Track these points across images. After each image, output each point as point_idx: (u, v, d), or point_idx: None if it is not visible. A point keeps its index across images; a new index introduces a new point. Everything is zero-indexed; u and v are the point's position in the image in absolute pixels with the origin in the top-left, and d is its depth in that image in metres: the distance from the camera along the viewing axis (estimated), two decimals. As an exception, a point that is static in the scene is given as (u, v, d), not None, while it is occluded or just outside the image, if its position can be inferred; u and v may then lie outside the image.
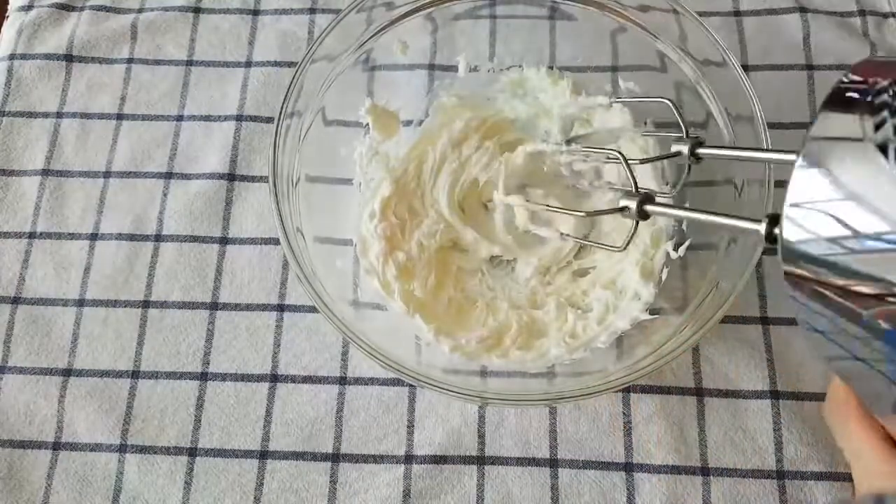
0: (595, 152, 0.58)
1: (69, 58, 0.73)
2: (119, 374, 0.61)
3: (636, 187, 0.49)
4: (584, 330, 0.57)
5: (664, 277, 0.58)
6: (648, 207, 0.48)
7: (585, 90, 0.64)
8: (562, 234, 0.59)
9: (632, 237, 0.51)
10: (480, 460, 0.58)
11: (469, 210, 0.65)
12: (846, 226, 0.34)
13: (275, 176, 0.54)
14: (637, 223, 0.50)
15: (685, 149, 0.50)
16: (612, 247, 0.54)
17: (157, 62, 0.73)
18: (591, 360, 0.57)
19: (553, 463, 0.57)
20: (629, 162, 0.50)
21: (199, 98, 0.71)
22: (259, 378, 0.61)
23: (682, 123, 0.52)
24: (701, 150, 0.50)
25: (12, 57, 0.73)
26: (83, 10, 0.75)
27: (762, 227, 0.40)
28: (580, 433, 0.58)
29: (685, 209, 0.52)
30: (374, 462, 0.58)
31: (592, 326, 0.57)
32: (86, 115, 0.71)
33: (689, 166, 0.53)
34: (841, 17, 0.70)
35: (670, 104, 0.54)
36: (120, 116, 0.70)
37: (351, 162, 0.63)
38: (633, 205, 0.48)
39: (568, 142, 0.62)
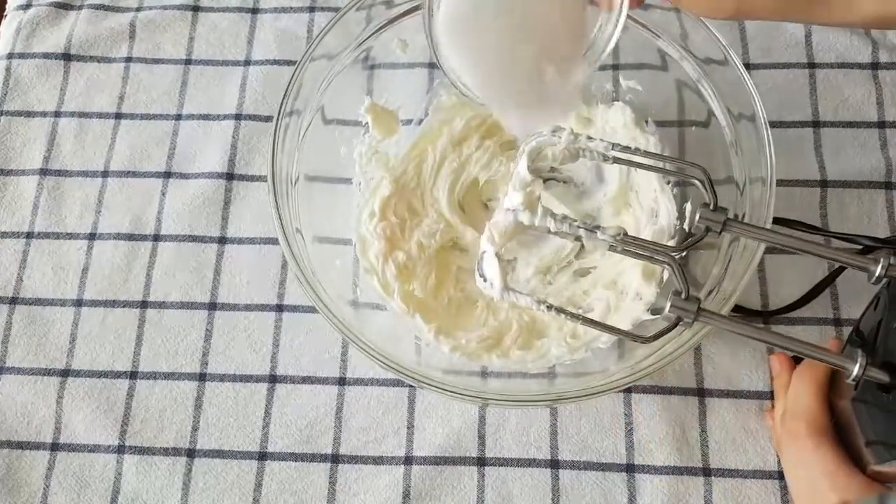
0: (649, 248, 0.47)
1: (67, 57, 0.72)
2: (117, 375, 0.61)
3: (687, 291, 0.43)
4: (585, 330, 0.57)
5: (665, 277, 0.57)
6: (705, 318, 0.43)
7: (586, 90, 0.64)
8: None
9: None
10: (481, 461, 0.57)
11: (469, 210, 0.64)
12: None
13: (274, 175, 0.54)
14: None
15: (713, 223, 0.45)
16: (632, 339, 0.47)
17: (156, 61, 0.72)
18: (592, 361, 0.56)
19: (554, 464, 0.57)
20: (684, 250, 0.45)
21: (197, 97, 0.71)
22: (258, 379, 0.60)
23: (713, 196, 0.46)
24: (733, 227, 0.45)
25: (10, 56, 0.73)
26: (81, 8, 0.74)
27: (855, 369, 0.40)
28: (581, 434, 0.58)
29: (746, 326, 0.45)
30: (374, 463, 0.58)
31: (593, 326, 0.57)
32: (84, 115, 0.70)
33: (705, 232, 0.46)
34: (843, 15, 0.70)
35: (704, 178, 0.47)
36: (118, 116, 0.70)
37: (351, 161, 0.63)
38: (689, 314, 0.43)
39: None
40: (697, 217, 0.45)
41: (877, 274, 0.40)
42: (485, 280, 0.50)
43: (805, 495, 0.48)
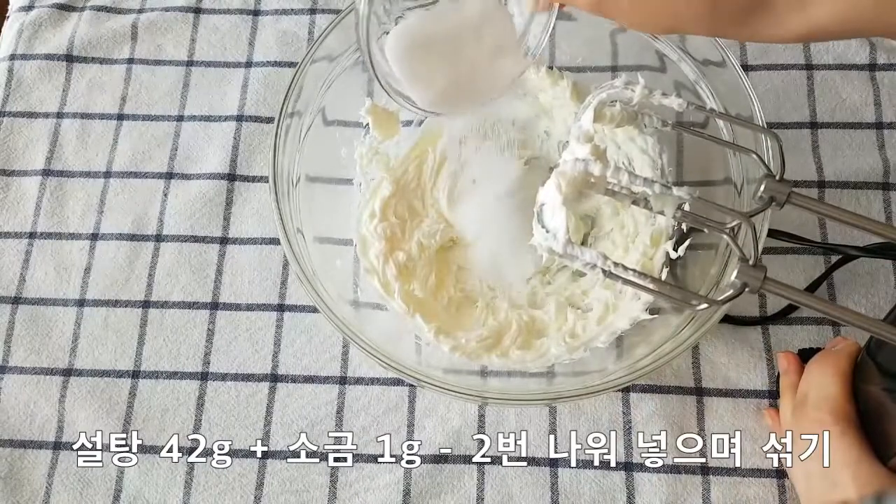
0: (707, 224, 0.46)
1: (70, 58, 0.73)
2: (119, 374, 0.61)
3: (756, 258, 0.42)
4: (583, 330, 0.57)
5: (664, 277, 0.58)
6: (770, 288, 0.41)
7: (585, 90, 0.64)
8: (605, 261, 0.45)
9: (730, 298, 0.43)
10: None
11: (469, 210, 0.65)
12: None
13: (275, 176, 0.54)
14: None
15: (779, 193, 0.44)
16: (691, 305, 0.44)
17: (158, 62, 0.73)
18: (590, 360, 0.57)
19: (553, 462, 0.57)
20: (755, 229, 0.44)
21: (199, 98, 0.71)
22: (259, 378, 0.61)
23: (783, 166, 0.47)
24: (797, 199, 0.44)
25: (13, 57, 0.73)
26: (84, 10, 0.75)
27: None
28: (580, 433, 0.58)
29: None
30: (375, 462, 0.58)
31: (592, 326, 0.57)
32: (86, 116, 0.71)
33: (769, 203, 0.46)
34: (841, 16, 0.70)
35: (778, 144, 0.48)
36: (120, 117, 0.71)
37: (351, 162, 0.64)
38: (755, 282, 0.41)
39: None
40: (762, 188, 0.45)
41: None
42: (547, 231, 0.46)
43: (817, 489, 0.47)
